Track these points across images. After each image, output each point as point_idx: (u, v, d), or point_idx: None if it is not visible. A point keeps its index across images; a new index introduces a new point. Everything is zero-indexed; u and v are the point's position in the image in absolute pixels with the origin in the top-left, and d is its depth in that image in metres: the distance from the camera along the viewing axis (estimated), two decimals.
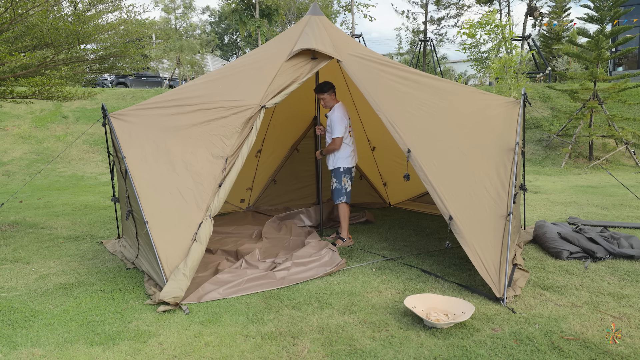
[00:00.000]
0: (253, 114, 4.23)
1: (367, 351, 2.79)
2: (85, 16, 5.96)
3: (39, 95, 6.35)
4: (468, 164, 4.05)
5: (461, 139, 4.21)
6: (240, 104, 4.28)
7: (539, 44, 24.77)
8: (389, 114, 4.22)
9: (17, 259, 4.90)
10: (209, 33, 39.11)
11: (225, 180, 4.00)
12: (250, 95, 4.34)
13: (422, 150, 4.04)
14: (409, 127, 4.19)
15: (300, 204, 6.92)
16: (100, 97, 15.99)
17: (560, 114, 14.76)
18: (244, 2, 22.44)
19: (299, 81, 4.47)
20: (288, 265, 4.22)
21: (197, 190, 3.94)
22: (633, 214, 6.34)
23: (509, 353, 2.73)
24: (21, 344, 2.98)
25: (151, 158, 4.07)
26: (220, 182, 4.00)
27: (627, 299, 3.42)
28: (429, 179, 3.90)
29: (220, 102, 4.32)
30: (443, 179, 3.92)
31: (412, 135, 4.12)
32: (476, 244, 3.61)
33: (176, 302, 3.45)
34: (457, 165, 4.04)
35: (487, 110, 4.47)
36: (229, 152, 4.11)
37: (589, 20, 12.78)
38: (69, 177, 11.81)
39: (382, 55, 4.97)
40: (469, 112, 4.44)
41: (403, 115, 4.25)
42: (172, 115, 4.31)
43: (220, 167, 4.06)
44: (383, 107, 4.26)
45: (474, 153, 4.12)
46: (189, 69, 25.38)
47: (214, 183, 3.99)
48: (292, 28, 5.06)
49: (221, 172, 4.04)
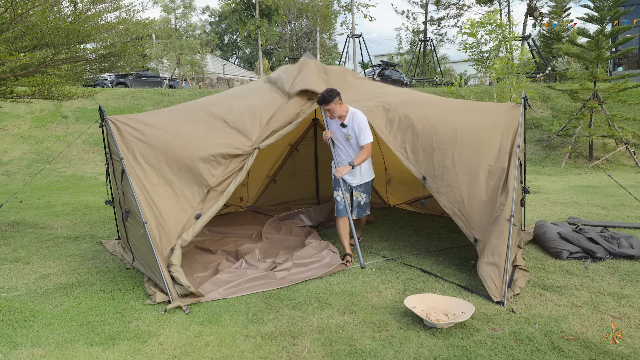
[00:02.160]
0: (247, 156, 4.25)
1: (367, 351, 2.79)
2: (85, 16, 5.96)
3: (39, 95, 6.35)
4: (480, 176, 4.08)
5: (468, 151, 4.23)
6: (234, 148, 4.21)
7: (539, 44, 24.76)
8: (399, 144, 4.38)
9: (17, 259, 4.89)
10: (209, 33, 39.12)
11: (204, 215, 3.96)
12: (245, 136, 4.30)
13: (436, 174, 4.14)
14: (420, 153, 4.28)
15: (300, 204, 6.92)
16: (100, 97, 15.99)
17: (560, 114, 14.76)
18: (244, 2, 22.44)
19: (295, 122, 4.50)
20: (288, 266, 4.22)
21: (176, 212, 3.93)
22: (633, 214, 6.34)
23: (509, 353, 2.73)
24: (21, 344, 2.98)
25: (145, 164, 4.09)
26: (198, 214, 3.96)
27: (627, 299, 3.42)
28: (450, 205, 4.02)
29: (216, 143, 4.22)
30: (462, 200, 4.00)
31: (425, 162, 4.23)
32: (492, 262, 3.62)
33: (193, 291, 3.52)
34: (470, 180, 4.07)
35: (489, 117, 4.49)
36: (213, 183, 4.08)
37: (589, 20, 12.79)
38: (69, 177, 11.81)
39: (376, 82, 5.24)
40: (472, 122, 4.45)
41: (412, 142, 4.36)
42: (166, 135, 4.27)
43: (200, 196, 4.03)
44: (391, 139, 4.43)
45: (481, 161, 4.16)
46: (189, 69, 25.38)
47: (191, 211, 3.96)
48: (289, 69, 5.11)
49: (199, 201, 4.01)
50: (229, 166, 4.17)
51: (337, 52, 39.45)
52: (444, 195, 4.09)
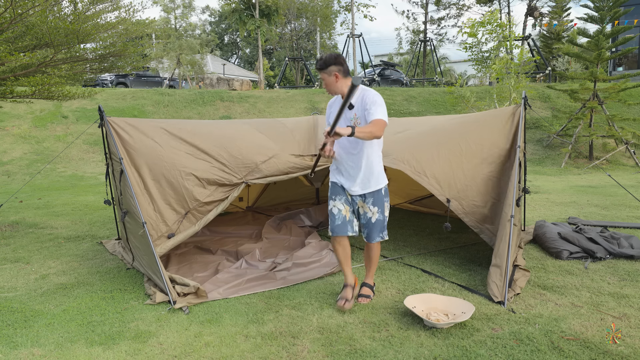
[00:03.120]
0: (233, 187, 4.19)
1: (367, 351, 2.79)
2: (84, 16, 5.96)
3: (39, 95, 6.35)
4: (493, 184, 4.11)
5: (485, 166, 4.24)
6: (222, 177, 4.16)
7: (539, 44, 24.76)
8: (416, 166, 4.21)
9: (17, 259, 4.89)
10: (209, 33, 39.10)
11: (176, 237, 3.93)
12: (235, 170, 4.23)
13: (460, 195, 4.11)
14: (439, 173, 4.18)
15: (300, 204, 6.92)
16: (100, 97, 15.98)
17: (560, 114, 14.77)
18: (244, 2, 22.44)
19: (291, 175, 4.49)
20: (288, 266, 4.22)
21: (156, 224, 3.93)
22: (633, 214, 6.34)
23: (509, 353, 2.73)
24: (21, 344, 2.98)
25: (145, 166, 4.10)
26: (171, 234, 3.93)
27: (627, 299, 3.42)
28: (479, 225, 4.03)
29: (205, 169, 4.18)
30: (486, 217, 4.03)
31: (446, 183, 4.15)
32: (494, 264, 3.65)
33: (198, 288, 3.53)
34: (493, 195, 4.09)
35: (489, 122, 4.50)
36: (193, 206, 4.03)
37: (589, 20, 12.79)
38: (69, 177, 11.81)
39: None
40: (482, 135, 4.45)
41: (431, 164, 4.27)
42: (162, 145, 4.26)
43: (176, 217, 3.99)
44: (405, 160, 4.25)
45: (489, 168, 4.18)
46: (189, 69, 25.38)
47: (166, 230, 3.94)
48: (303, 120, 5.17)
49: (175, 222, 3.98)
50: (213, 194, 4.10)
51: (337, 52, 39.41)
52: (471, 215, 4.10)
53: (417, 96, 17.31)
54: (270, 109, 16.74)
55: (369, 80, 22.96)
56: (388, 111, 3.51)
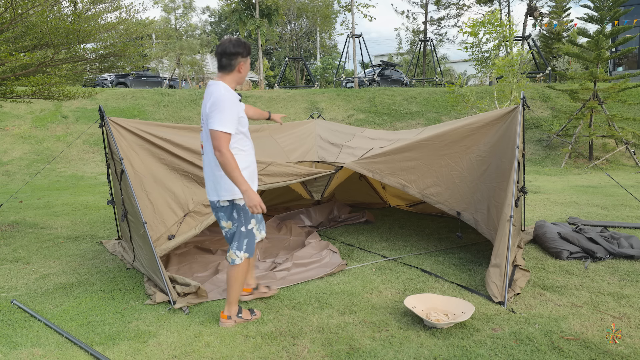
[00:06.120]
0: None
1: (367, 351, 2.79)
2: (85, 16, 5.96)
3: (39, 95, 6.36)
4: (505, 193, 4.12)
5: (486, 175, 4.27)
6: None
7: (539, 44, 24.76)
8: (423, 188, 4.41)
9: (17, 259, 4.89)
10: (209, 33, 39.12)
11: (177, 238, 3.94)
12: None
13: (469, 206, 4.22)
14: (444, 188, 4.31)
15: (300, 204, 6.92)
16: (100, 97, 15.98)
17: (560, 114, 14.77)
18: (244, 2, 22.43)
19: (289, 182, 4.51)
20: (288, 266, 4.22)
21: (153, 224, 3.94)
22: (633, 214, 6.34)
23: (509, 353, 2.73)
24: (21, 344, 2.98)
25: (145, 162, 4.10)
26: (171, 235, 3.94)
27: (627, 299, 3.42)
28: (490, 233, 4.05)
29: None
30: (494, 221, 4.04)
31: (454, 196, 4.27)
32: (494, 264, 3.67)
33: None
34: (498, 201, 4.11)
35: (488, 127, 4.50)
36: (192, 208, 4.05)
37: (589, 20, 12.79)
38: (69, 177, 11.81)
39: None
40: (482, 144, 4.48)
41: (436, 183, 4.39)
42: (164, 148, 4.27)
43: (176, 219, 4.01)
44: (412, 184, 4.46)
45: (490, 176, 4.21)
46: (189, 69, 25.38)
47: (165, 231, 3.95)
48: (305, 127, 5.29)
49: (174, 224, 4.00)
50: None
51: (337, 52, 39.44)
52: (482, 222, 4.16)
53: (417, 96, 17.30)
54: (270, 109, 16.72)
55: (369, 80, 22.97)
56: (388, 111, 3.45)
